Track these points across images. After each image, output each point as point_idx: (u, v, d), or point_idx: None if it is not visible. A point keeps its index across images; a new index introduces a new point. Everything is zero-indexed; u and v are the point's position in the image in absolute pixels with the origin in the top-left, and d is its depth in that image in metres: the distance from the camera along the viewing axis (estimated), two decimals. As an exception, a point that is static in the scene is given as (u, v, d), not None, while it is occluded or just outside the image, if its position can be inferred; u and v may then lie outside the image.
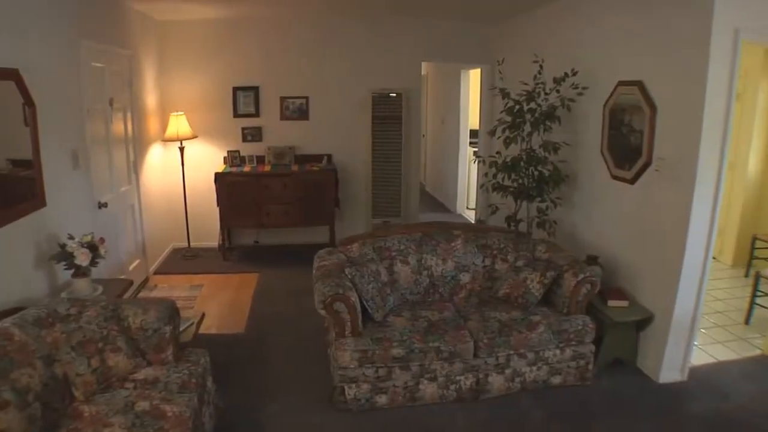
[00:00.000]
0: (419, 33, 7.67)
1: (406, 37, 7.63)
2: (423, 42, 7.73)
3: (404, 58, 7.69)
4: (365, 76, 7.60)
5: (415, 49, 7.74)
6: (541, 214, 5.72)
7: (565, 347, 4.31)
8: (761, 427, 4.00)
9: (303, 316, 5.45)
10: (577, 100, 5.41)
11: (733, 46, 4.03)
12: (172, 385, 3.23)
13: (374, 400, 4.00)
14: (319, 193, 7.08)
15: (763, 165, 7.56)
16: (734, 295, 6.60)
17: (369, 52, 7.59)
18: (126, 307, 3.55)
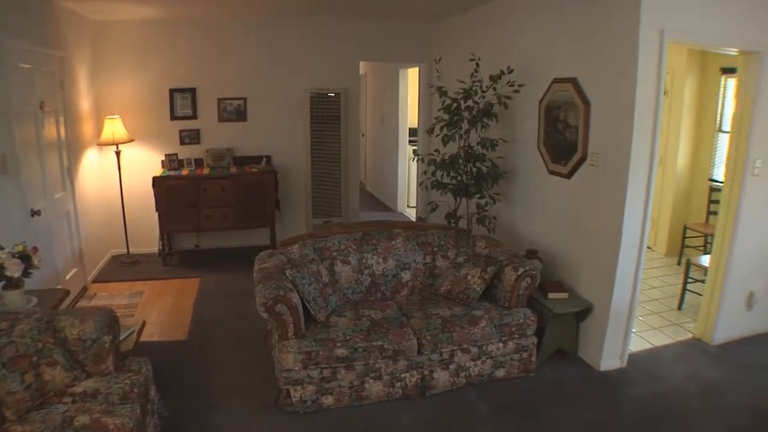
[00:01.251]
0: (357, 33, 7.68)
1: (343, 37, 7.63)
2: (361, 42, 7.74)
3: (342, 57, 7.69)
4: (303, 77, 7.56)
5: (353, 49, 7.75)
6: (481, 211, 5.79)
7: (508, 340, 4.38)
8: (692, 405, 4.24)
9: (246, 320, 5.40)
10: (513, 97, 5.49)
11: (660, 45, 4.22)
12: (114, 397, 3.12)
13: (320, 401, 3.98)
14: (258, 194, 7.01)
15: (691, 158, 7.86)
16: (668, 283, 6.85)
17: (307, 52, 7.55)
18: (62, 318, 3.42)
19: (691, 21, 4.34)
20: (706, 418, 4.10)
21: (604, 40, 4.49)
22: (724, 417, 4.12)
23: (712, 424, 4.04)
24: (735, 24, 4.55)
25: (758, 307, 5.46)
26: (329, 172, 7.78)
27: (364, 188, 11.76)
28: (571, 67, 4.90)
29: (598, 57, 4.58)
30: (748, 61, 4.83)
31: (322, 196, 7.83)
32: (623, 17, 4.26)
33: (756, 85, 4.80)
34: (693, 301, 5.96)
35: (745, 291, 5.36)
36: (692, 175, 7.94)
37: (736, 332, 5.41)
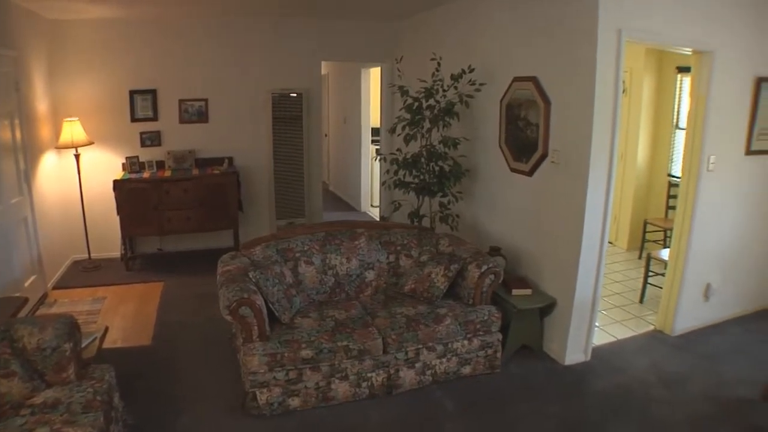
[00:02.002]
0: (318, 32, 7.65)
1: (305, 37, 7.60)
2: (322, 41, 7.71)
3: (304, 57, 7.66)
4: (265, 77, 7.51)
5: (315, 49, 7.72)
6: (444, 209, 5.82)
7: (473, 337, 4.41)
8: (654, 395, 4.36)
9: (211, 323, 5.34)
10: (474, 96, 5.54)
11: (617, 44, 4.31)
12: (75, 406, 3.04)
13: (287, 403, 3.96)
14: (221, 196, 6.94)
15: (650, 155, 8.02)
16: (630, 277, 6.97)
17: (269, 52, 7.50)
18: (20, 327, 3.32)
19: (647, 21, 4.46)
20: (668, 407, 4.21)
21: (564, 39, 4.56)
22: (685, 405, 4.24)
23: (673, 412, 4.14)
24: (688, 25, 4.70)
25: (715, 297, 5.61)
26: (292, 172, 7.75)
27: (327, 188, 11.72)
28: (531, 65, 4.96)
29: (557, 56, 4.64)
30: (700, 60, 4.96)
31: (285, 197, 7.80)
32: (582, 17, 4.34)
33: (708, 84, 4.94)
34: (654, 294, 6.09)
35: (702, 283, 5.50)
36: (651, 171, 8.10)
37: (695, 323, 5.56)
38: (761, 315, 6.04)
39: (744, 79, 5.22)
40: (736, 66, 5.08)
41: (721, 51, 4.92)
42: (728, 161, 5.29)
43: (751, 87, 5.28)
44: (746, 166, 5.48)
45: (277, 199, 7.76)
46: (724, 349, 5.21)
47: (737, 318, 5.90)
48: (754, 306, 6.09)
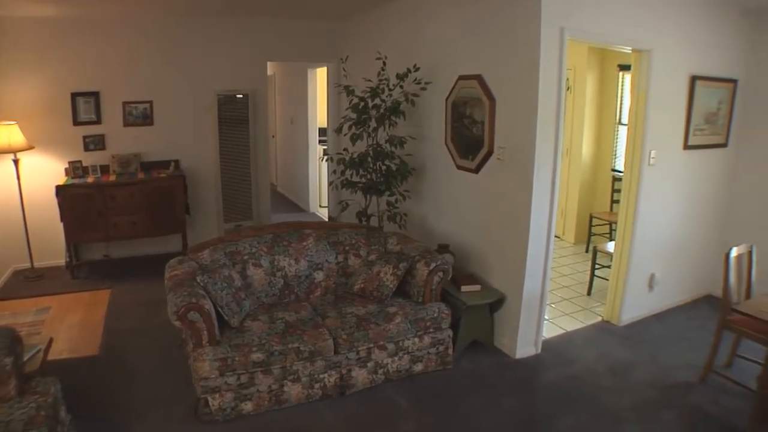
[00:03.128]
0: (264, 33, 7.58)
1: (250, 37, 7.52)
2: (268, 42, 7.65)
3: (249, 58, 7.58)
4: (211, 78, 7.41)
5: (260, 49, 7.65)
6: (391, 208, 5.84)
7: (424, 335, 4.44)
8: (602, 384, 4.50)
9: (161, 329, 5.24)
10: (420, 94, 5.57)
11: (560, 42, 4.40)
12: (16, 424, 2.90)
13: (240, 407, 3.91)
14: (167, 200, 6.82)
15: (594, 150, 8.20)
16: (577, 270, 7.11)
17: (213, 53, 7.39)
18: (-45, 343, 3.16)
19: (588, 20, 4.58)
20: (616, 394, 4.35)
21: (508, 37, 4.62)
22: (632, 392, 4.41)
23: (621, 399, 4.29)
24: (627, 24, 4.85)
25: (659, 287, 5.79)
26: (239, 174, 7.68)
27: (275, 190, 11.65)
28: (476, 64, 5.01)
29: (502, 54, 4.70)
30: (640, 58, 5.12)
31: (232, 200, 7.72)
32: (525, 16, 4.41)
33: (647, 82, 5.09)
34: (601, 286, 6.22)
35: (647, 273, 5.66)
36: (596, 166, 8.27)
37: (641, 312, 5.74)
38: (701, 302, 6.31)
39: (680, 77, 5.43)
40: (673, 64, 5.28)
41: (659, 50, 5.09)
42: (668, 156, 5.47)
43: (686, 85, 5.48)
44: (684, 160, 5.68)
45: (224, 201, 7.69)
46: (667, 336, 5.41)
47: (679, 306, 6.14)
48: (694, 294, 6.34)
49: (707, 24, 5.49)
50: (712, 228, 6.22)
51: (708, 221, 6.16)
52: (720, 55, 5.71)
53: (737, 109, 6.03)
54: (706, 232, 6.17)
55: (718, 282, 4.81)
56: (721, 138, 6.00)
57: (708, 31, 5.52)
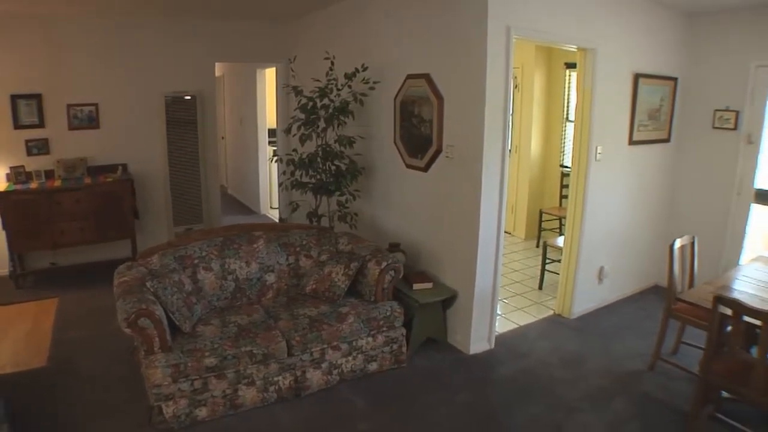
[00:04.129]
0: (212, 33, 7.48)
1: (198, 38, 7.41)
2: (216, 42, 7.55)
3: (197, 59, 7.46)
4: (158, 79, 7.26)
5: (208, 50, 7.53)
6: (342, 208, 5.84)
7: (377, 334, 4.45)
8: (556, 376, 4.61)
9: (112, 337, 5.11)
10: (369, 94, 5.57)
11: (506, 41, 4.45)
12: None
13: (194, 414, 3.84)
14: (115, 205, 6.68)
15: (543, 147, 8.33)
16: (528, 265, 7.22)
17: (161, 53, 7.24)
18: None
19: (534, 19, 4.65)
20: (569, 385, 4.45)
21: (456, 36, 4.66)
22: (585, 382, 4.52)
23: (574, 390, 4.40)
24: (572, 23, 4.96)
25: (608, 280, 5.91)
26: (188, 177, 7.57)
27: (226, 192, 11.52)
28: (424, 63, 5.03)
29: (450, 53, 4.74)
30: (585, 57, 5.22)
31: (182, 203, 7.61)
32: (472, 15, 4.45)
33: (592, 79, 5.20)
34: (552, 280, 6.33)
35: (596, 266, 5.77)
36: (545, 162, 8.41)
37: (591, 304, 5.85)
38: (648, 292, 6.49)
39: (624, 74, 5.57)
40: (617, 63, 5.42)
41: (603, 48, 5.21)
42: (614, 151, 5.60)
43: (630, 82, 5.62)
44: (629, 155, 5.82)
45: (174, 205, 7.56)
46: (616, 327, 5.55)
47: (628, 297, 6.30)
48: (642, 285, 6.51)
49: (648, 24, 5.65)
50: (657, 220, 6.40)
51: (653, 214, 6.33)
52: (661, 55, 5.90)
53: (678, 106, 6.22)
54: (651, 225, 6.34)
55: (664, 272, 4.95)
56: (664, 133, 6.18)
57: (650, 32, 5.69)
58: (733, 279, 4.42)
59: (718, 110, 5.96)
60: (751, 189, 5.90)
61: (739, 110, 5.80)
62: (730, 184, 5.98)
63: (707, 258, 5.82)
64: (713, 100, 6.01)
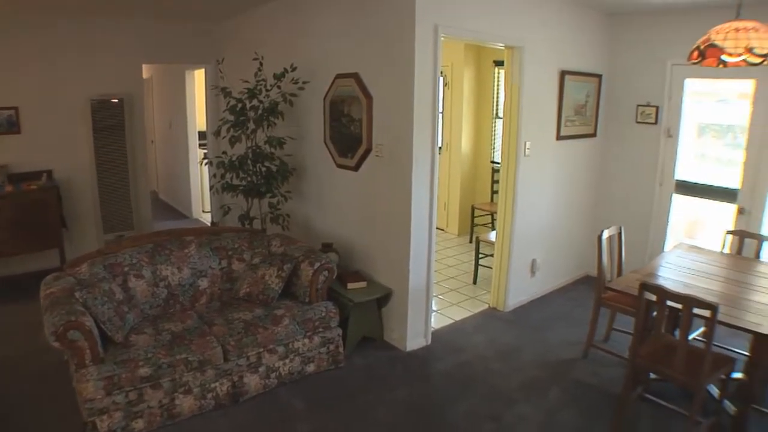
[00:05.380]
0: (138, 34, 7.27)
1: (124, 39, 7.19)
2: (143, 43, 7.35)
3: (123, 60, 7.24)
4: (83, 82, 7.00)
5: (135, 51, 7.32)
6: (274, 209, 5.80)
7: (313, 335, 4.43)
8: (492, 368, 4.72)
9: (41, 353, 4.86)
10: (298, 94, 5.55)
11: (434, 40, 4.50)
12: None
13: (131, 427, 3.73)
14: (41, 214, 6.44)
15: (474, 144, 8.46)
16: (462, 260, 7.32)
17: (85, 55, 6.98)
18: None
19: (462, 18, 4.72)
20: (506, 377, 4.56)
21: (384, 35, 4.69)
22: (521, 373, 4.64)
23: (510, 381, 4.50)
24: (499, 22, 5.06)
25: (540, 272, 6.06)
26: (118, 183, 7.37)
27: (157, 197, 11.29)
28: (353, 62, 5.04)
29: (378, 52, 4.76)
30: (512, 54, 5.33)
31: (112, 210, 7.40)
32: (400, 14, 4.48)
33: (520, 76, 5.30)
34: (486, 275, 6.44)
35: (528, 259, 5.90)
36: (476, 158, 8.54)
37: (525, 297, 5.99)
38: (579, 283, 6.69)
39: (551, 72, 5.72)
40: (543, 60, 5.57)
41: (530, 46, 5.33)
42: (542, 146, 5.74)
43: (557, 79, 5.77)
44: (557, 150, 5.97)
45: (103, 212, 7.35)
46: (550, 317, 5.71)
47: (560, 288, 6.49)
48: (573, 275, 6.70)
49: (574, 23, 5.85)
50: (585, 212, 6.59)
51: (582, 206, 6.52)
52: (586, 52, 6.11)
53: (603, 102, 6.43)
54: (580, 217, 6.53)
55: (593, 263, 5.10)
56: (590, 128, 6.37)
57: (575, 30, 5.89)
58: (658, 266, 4.59)
59: (640, 105, 6.21)
60: (672, 180, 6.17)
61: (659, 106, 6.06)
62: (653, 175, 6.24)
63: (634, 247, 6.10)
64: (635, 96, 6.26)
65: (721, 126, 6.21)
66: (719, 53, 3.36)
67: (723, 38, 3.33)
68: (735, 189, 5.75)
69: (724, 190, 5.92)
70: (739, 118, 5.74)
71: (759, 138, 5.49)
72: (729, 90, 6.00)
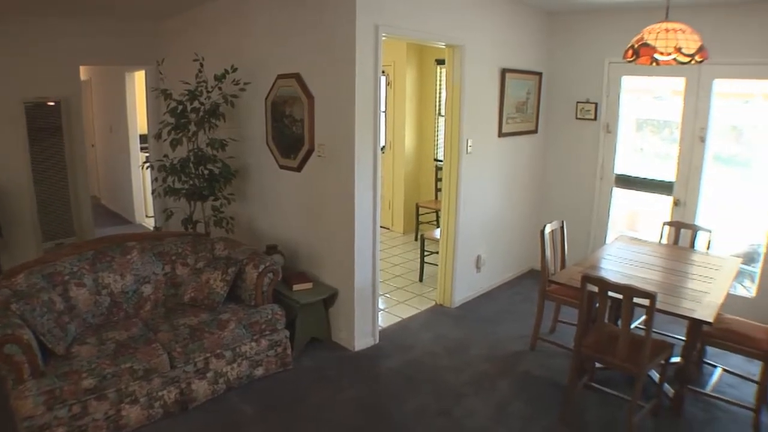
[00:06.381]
0: (75, 35, 6.99)
1: (59, 40, 6.91)
2: (80, 44, 7.08)
3: (59, 62, 6.96)
4: (16, 85, 6.70)
5: (72, 52, 7.04)
6: (217, 213, 5.74)
7: (260, 338, 4.40)
8: (441, 364, 4.78)
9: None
10: (240, 95, 5.50)
11: (375, 39, 4.52)
12: None
13: (76, 442, 3.65)
14: (-27, 223, 6.25)
15: (417, 142, 8.53)
16: (408, 258, 7.38)
17: (18, 56, 6.66)
18: None
19: (403, 18, 4.75)
20: (455, 372, 4.62)
21: (324, 35, 4.68)
22: (470, 368, 4.71)
23: (458, 376, 4.57)
24: (440, 21, 5.11)
25: (486, 267, 6.15)
26: (56, 189, 7.16)
27: (99, 203, 11.00)
28: (294, 63, 5.03)
29: (319, 52, 4.76)
30: (453, 53, 5.39)
31: (51, 217, 7.19)
32: (340, 14, 4.49)
33: (461, 75, 5.37)
34: (432, 272, 6.50)
35: (473, 255, 5.98)
36: (420, 157, 8.61)
37: (471, 293, 6.08)
38: (524, 277, 6.81)
39: (492, 70, 5.81)
40: (484, 58, 5.66)
41: (471, 45, 5.40)
42: (484, 144, 5.83)
43: (498, 77, 5.86)
44: (500, 146, 6.07)
45: (41, 219, 7.13)
46: (497, 312, 5.80)
47: (506, 283, 6.60)
48: (518, 270, 6.83)
49: (514, 22, 5.97)
50: (528, 207, 6.72)
51: (525, 202, 6.64)
52: (526, 51, 6.23)
53: (543, 99, 6.57)
54: (523, 212, 6.65)
55: (538, 257, 5.19)
56: (532, 125, 6.49)
57: (515, 29, 6.00)
58: (600, 258, 4.74)
59: (580, 102, 6.37)
60: (612, 174, 6.34)
61: (598, 102, 6.22)
62: (594, 170, 6.40)
63: (577, 240, 6.25)
64: (575, 93, 6.42)
65: (659, 121, 6.42)
66: (652, 52, 3.48)
67: (654, 38, 3.46)
68: (671, 182, 5.95)
69: (661, 183, 6.12)
70: (673, 114, 5.93)
71: (690, 133, 5.71)
72: (664, 87, 6.22)
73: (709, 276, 4.34)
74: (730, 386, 4.44)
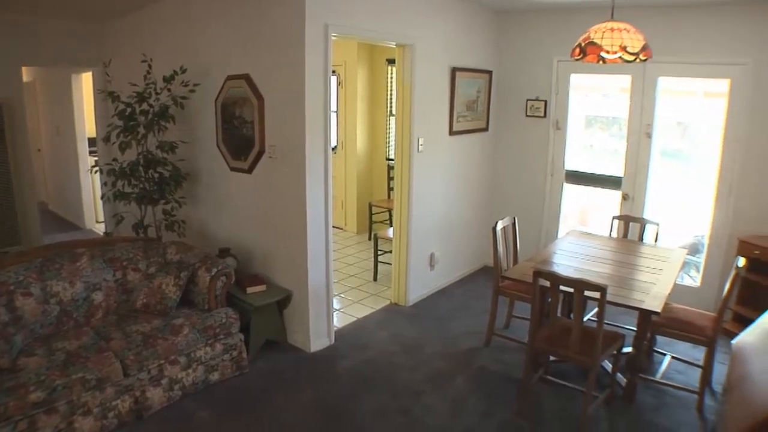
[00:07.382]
0: (16, 34, 6.75)
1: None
2: (22, 44, 6.84)
3: (0, 63, 6.80)
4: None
5: (12, 53, 6.80)
6: (168, 216, 5.65)
7: (215, 342, 4.36)
8: (397, 362, 4.82)
9: None
10: (189, 97, 5.42)
11: (325, 39, 4.52)
12: None
13: (23, 459, 3.54)
14: None
15: (369, 141, 8.57)
16: (362, 258, 7.40)
17: None
18: None
19: (353, 17, 4.77)
20: (411, 370, 4.66)
21: (274, 35, 4.66)
22: (426, 365, 4.76)
23: (415, 374, 4.61)
24: (389, 21, 5.15)
25: (439, 265, 6.21)
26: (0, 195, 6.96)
27: (47, 208, 10.70)
28: (244, 63, 4.99)
29: (269, 52, 4.74)
30: (403, 52, 5.42)
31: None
32: (289, 14, 4.47)
33: (411, 74, 5.41)
34: (386, 271, 6.54)
35: (426, 253, 6.03)
36: (372, 156, 8.64)
37: (425, 291, 6.13)
38: (478, 274, 6.90)
39: (442, 69, 5.86)
40: (434, 58, 5.71)
41: (421, 44, 5.44)
42: (435, 142, 5.88)
43: (448, 76, 5.92)
44: (451, 145, 6.14)
45: (-16, 227, 6.94)
46: (451, 309, 5.87)
47: (460, 280, 6.68)
48: (471, 267, 6.92)
49: (463, 21, 6.03)
50: (481, 205, 6.80)
51: (477, 199, 6.72)
52: (476, 49, 6.31)
53: (494, 97, 6.66)
54: (476, 209, 6.73)
55: (491, 253, 5.25)
56: (482, 123, 6.57)
57: (465, 28, 6.07)
58: (552, 253, 4.84)
59: (530, 100, 6.48)
60: (562, 170, 6.46)
61: (547, 100, 6.34)
62: (544, 166, 6.53)
63: (529, 236, 6.36)
64: (525, 91, 6.53)
65: (607, 118, 6.58)
66: (598, 50, 3.57)
67: (601, 37, 3.55)
68: (620, 177, 6.09)
69: (610, 178, 6.27)
70: (621, 111, 6.09)
71: (637, 129, 5.86)
72: (612, 84, 6.37)
73: (657, 267, 4.48)
74: (678, 372, 4.61)
